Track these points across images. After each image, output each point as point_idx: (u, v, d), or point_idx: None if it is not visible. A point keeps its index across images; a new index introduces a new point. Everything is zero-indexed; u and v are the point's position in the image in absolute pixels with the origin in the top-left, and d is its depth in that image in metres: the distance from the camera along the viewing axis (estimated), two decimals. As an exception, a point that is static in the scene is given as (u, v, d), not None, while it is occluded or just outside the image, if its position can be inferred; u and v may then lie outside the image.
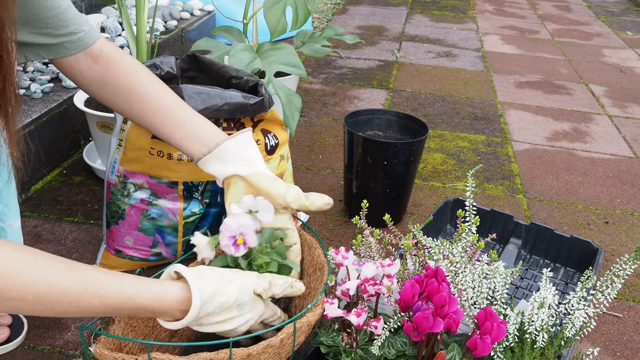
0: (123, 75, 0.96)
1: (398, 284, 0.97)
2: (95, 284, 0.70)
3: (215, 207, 1.24)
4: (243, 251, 0.90)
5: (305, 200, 0.92)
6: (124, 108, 0.98)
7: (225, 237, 0.89)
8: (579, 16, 4.24)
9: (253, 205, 0.92)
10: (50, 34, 0.89)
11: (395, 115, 1.59)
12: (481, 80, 2.75)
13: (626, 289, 1.40)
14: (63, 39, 0.91)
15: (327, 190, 1.69)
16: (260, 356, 0.80)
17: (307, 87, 2.49)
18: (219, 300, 0.78)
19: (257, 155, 0.94)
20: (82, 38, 0.93)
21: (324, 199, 0.93)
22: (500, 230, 1.42)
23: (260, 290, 0.83)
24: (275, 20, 1.63)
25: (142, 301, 0.73)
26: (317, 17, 3.63)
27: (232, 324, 0.80)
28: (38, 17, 0.87)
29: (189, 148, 0.95)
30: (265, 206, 0.92)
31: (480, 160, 1.96)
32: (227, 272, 0.82)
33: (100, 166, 1.61)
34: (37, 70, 1.82)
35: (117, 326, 0.87)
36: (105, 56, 0.96)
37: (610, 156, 2.07)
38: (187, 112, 0.97)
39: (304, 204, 0.92)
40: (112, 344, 0.84)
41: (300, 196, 0.92)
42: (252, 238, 0.90)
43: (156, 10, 1.82)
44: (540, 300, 0.90)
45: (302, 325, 0.83)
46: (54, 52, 0.92)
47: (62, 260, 0.70)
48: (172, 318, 0.77)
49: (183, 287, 0.77)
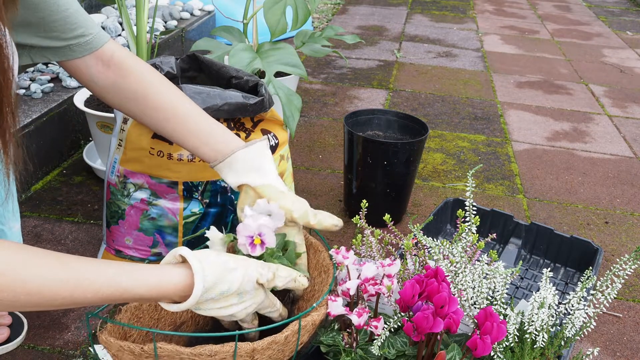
0: (136, 82, 0.96)
1: (398, 284, 0.97)
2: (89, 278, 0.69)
3: (215, 207, 1.24)
4: (260, 251, 0.89)
5: (312, 218, 0.91)
6: (136, 114, 0.98)
7: (243, 237, 0.89)
8: (579, 16, 4.24)
9: (266, 209, 0.92)
10: (57, 37, 0.89)
11: (395, 115, 1.59)
12: (481, 80, 2.75)
13: (626, 289, 1.40)
14: (70, 42, 0.91)
15: (327, 190, 1.69)
16: (265, 352, 0.80)
17: (307, 87, 2.49)
18: (220, 288, 0.77)
19: (269, 166, 0.94)
20: (90, 41, 0.93)
21: (333, 220, 0.92)
22: (500, 230, 1.42)
23: (263, 280, 0.82)
24: (275, 20, 1.63)
25: (139, 291, 0.73)
26: (317, 17, 3.63)
27: (229, 311, 0.80)
28: (44, 20, 0.86)
29: (203, 154, 0.95)
30: (277, 213, 0.92)
31: (480, 160, 1.96)
32: (232, 259, 0.81)
33: (100, 166, 1.61)
34: (37, 70, 1.82)
35: (123, 315, 0.88)
36: (117, 61, 0.95)
37: (610, 156, 2.07)
38: (201, 118, 0.96)
39: (310, 222, 0.91)
40: (117, 332, 0.84)
41: (308, 214, 0.91)
42: (270, 238, 0.90)
43: (156, 10, 1.82)
44: (540, 300, 0.90)
45: (306, 324, 0.84)
46: (61, 55, 0.91)
47: (53, 256, 0.69)
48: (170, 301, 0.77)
49: (185, 273, 0.76)
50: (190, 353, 0.76)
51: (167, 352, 0.75)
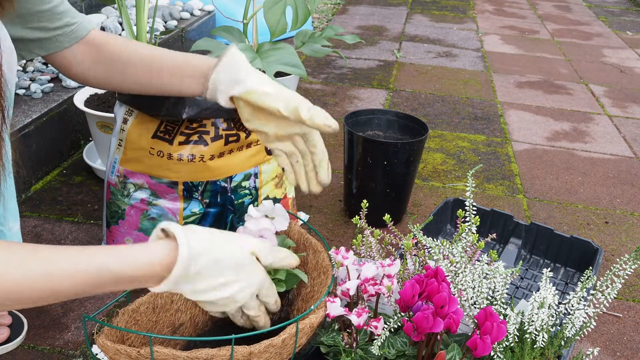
0: (116, 50, 0.96)
1: (398, 284, 0.97)
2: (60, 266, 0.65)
3: (215, 207, 1.24)
4: None
5: (304, 112, 0.84)
6: (120, 81, 0.97)
7: None
8: (579, 16, 4.24)
9: (270, 211, 0.92)
10: (45, 28, 0.89)
11: (395, 115, 1.59)
12: (481, 80, 2.75)
13: (626, 289, 1.40)
14: (57, 32, 0.91)
15: (327, 190, 1.69)
16: (262, 355, 0.80)
17: (307, 87, 2.49)
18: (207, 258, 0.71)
19: (243, 71, 0.88)
20: (75, 30, 0.93)
21: (328, 120, 0.84)
22: (500, 230, 1.42)
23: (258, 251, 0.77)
24: (275, 20, 1.63)
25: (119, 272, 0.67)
26: (317, 17, 3.63)
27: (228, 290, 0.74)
28: (31, 11, 0.87)
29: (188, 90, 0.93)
30: (281, 214, 0.92)
31: (480, 160, 1.96)
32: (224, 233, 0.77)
33: (100, 166, 1.61)
34: (37, 70, 1.82)
35: (120, 319, 0.88)
36: (98, 41, 0.96)
37: (610, 156, 2.07)
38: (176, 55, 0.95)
39: (302, 116, 0.84)
40: (114, 336, 0.84)
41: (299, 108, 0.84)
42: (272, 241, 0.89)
43: (156, 10, 1.82)
44: (540, 300, 0.90)
45: (304, 327, 0.83)
46: (47, 47, 0.91)
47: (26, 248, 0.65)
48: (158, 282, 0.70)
49: (169, 247, 0.70)
50: (186, 357, 0.75)
51: (163, 356, 0.75)
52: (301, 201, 1.62)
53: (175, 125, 1.17)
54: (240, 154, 1.22)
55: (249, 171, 1.24)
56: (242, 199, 1.26)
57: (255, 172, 1.25)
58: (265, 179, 1.28)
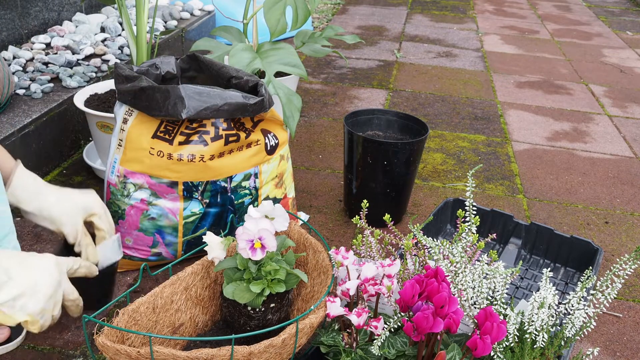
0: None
1: (398, 284, 0.97)
2: None
3: (215, 207, 1.24)
4: (261, 255, 0.89)
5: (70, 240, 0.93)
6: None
7: (243, 241, 0.89)
8: (579, 16, 4.24)
9: (270, 211, 0.92)
10: None
11: (395, 115, 1.59)
12: (481, 80, 2.75)
13: (626, 289, 1.40)
14: None
15: (327, 190, 1.69)
16: (262, 355, 0.80)
17: (307, 87, 2.49)
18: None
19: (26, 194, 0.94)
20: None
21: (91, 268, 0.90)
22: (500, 230, 1.42)
23: None
24: (275, 20, 1.63)
25: None
26: (317, 17, 3.63)
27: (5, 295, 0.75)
28: None
29: None
30: (281, 214, 0.92)
31: (480, 160, 1.96)
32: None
33: (100, 166, 1.61)
34: (37, 70, 1.82)
35: (120, 319, 0.88)
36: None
37: (610, 156, 2.07)
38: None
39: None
40: (115, 336, 0.84)
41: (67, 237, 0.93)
42: (271, 242, 0.89)
43: (156, 10, 1.82)
44: (540, 300, 0.90)
45: (304, 327, 0.83)
46: None
47: None
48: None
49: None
50: (186, 357, 0.76)
51: (163, 356, 0.75)
52: (301, 201, 1.62)
53: (175, 125, 1.17)
54: (240, 154, 1.22)
55: (249, 171, 1.24)
56: (242, 199, 1.26)
57: (255, 172, 1.25)
58: (265, 179, 1.28)
